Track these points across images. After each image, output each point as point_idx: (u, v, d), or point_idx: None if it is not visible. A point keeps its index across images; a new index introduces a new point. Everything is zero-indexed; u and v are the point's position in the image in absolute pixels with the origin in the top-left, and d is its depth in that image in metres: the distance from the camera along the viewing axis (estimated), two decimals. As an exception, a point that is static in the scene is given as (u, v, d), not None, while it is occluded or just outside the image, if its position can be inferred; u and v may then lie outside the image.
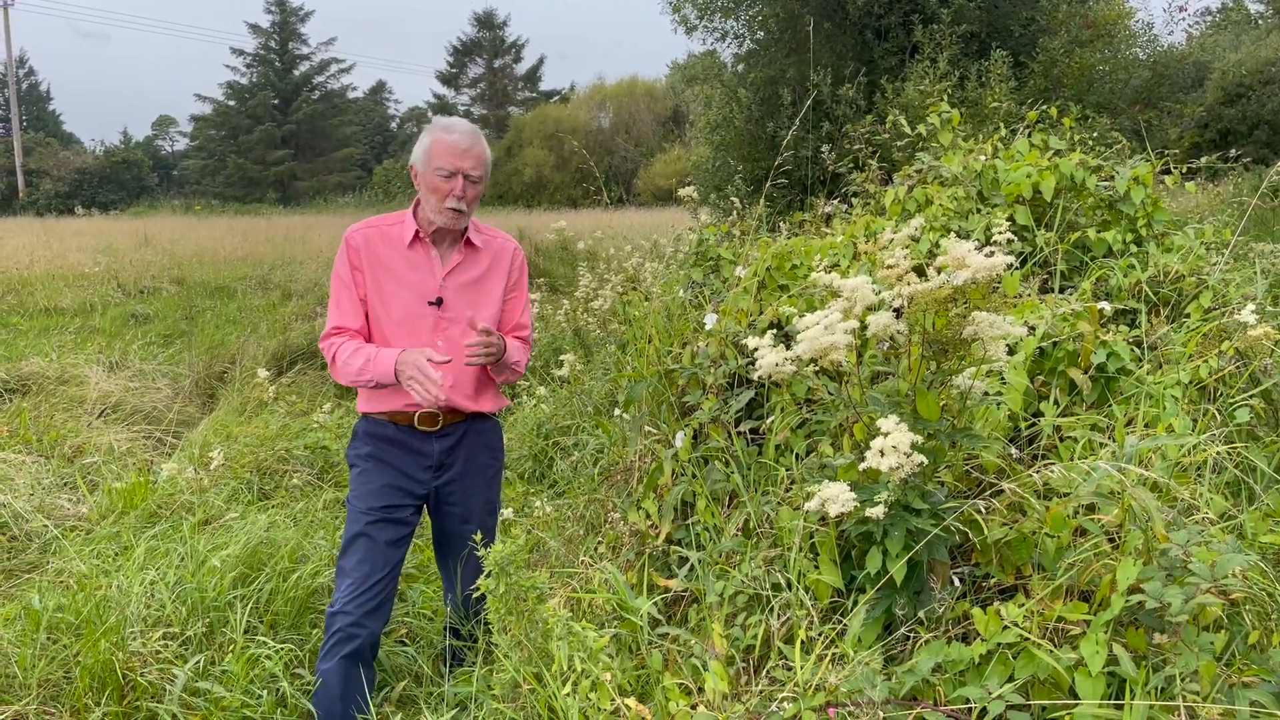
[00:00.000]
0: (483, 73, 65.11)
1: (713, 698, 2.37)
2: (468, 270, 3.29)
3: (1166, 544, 2.10)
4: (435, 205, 3.14)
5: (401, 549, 3.28)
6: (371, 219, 3.31)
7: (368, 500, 3.23)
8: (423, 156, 3.16)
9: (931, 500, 2.40)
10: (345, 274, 3.22)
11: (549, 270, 15.16)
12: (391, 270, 3.20)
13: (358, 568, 3.16)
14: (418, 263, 3.22)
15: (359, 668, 3.13)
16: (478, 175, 3.16)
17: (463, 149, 3.10)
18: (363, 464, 3.29)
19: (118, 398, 8.13)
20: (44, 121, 71.22)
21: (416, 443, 3.28)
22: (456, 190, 3.11)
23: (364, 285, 3.21)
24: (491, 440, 3.47)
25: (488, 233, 3.40)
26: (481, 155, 3.17)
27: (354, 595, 3.12)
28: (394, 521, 3.23)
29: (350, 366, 3.13)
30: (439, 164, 3.10)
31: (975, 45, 12.31)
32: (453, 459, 3.33)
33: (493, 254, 3.36)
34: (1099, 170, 4.20)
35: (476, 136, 3.17)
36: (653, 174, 46.51)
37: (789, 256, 3.77)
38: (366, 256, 3.20)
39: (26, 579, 4.55)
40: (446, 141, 3.10)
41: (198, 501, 5.38)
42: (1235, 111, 19.75)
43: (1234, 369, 3.17)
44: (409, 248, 3.21)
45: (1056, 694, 2.07)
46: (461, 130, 3.14)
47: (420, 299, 3.20)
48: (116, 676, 3.38)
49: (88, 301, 14.63)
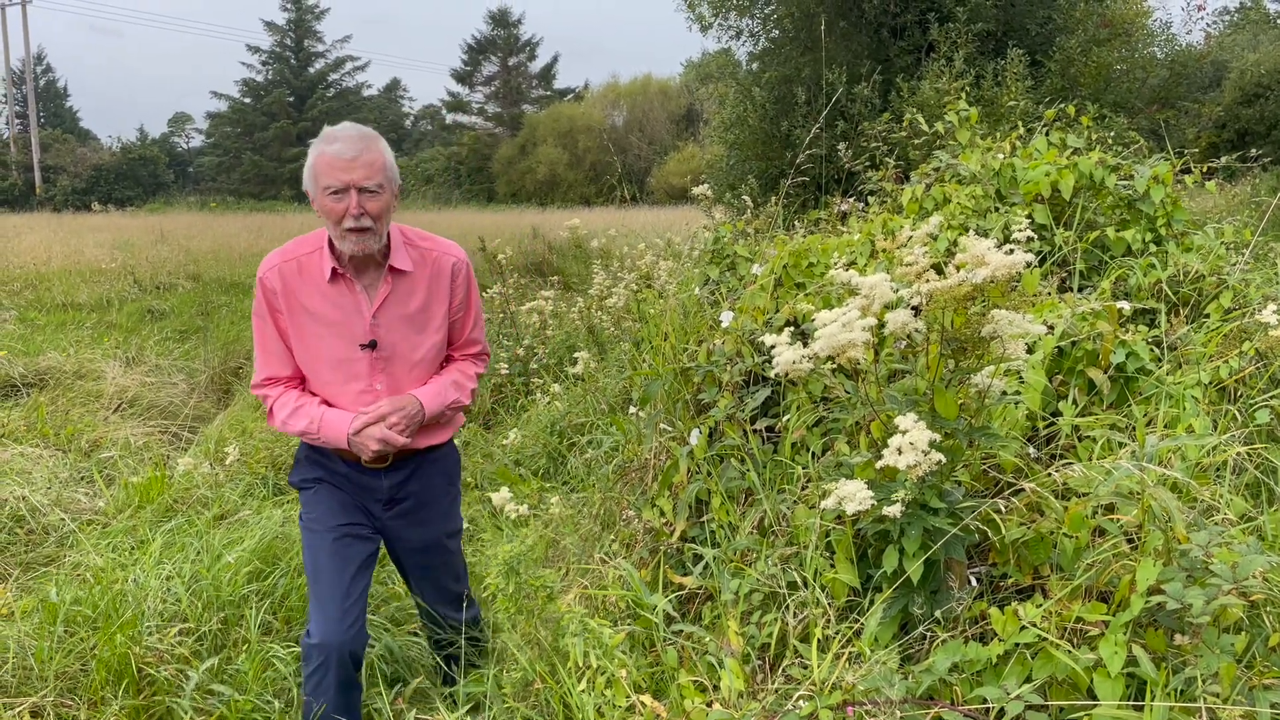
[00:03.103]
0: (497, 71, 65.20)
1: (728, 695, 2.37)
2: (401, 302, 2.89)
3: (1187, 545, 2.09)
4: (335, 230, 2.74)
5: (369, 568, 3.05)
6: (287, 247, 2.90)
7: (327, 519, 2.97)
8: (310, 178, 2.74)
9: (949, 499, 2.39)
10: (266, 317, 2.88)
11: (562, 268, 15.18)
12: (314, 313, 2.83)
13: (330, 596, 2.92)
14: (341, 302, 2.83)
15: (346, 692, 2.95)
16: (376, 184, 2.69)
17: (348, 159, 2.65)
18: (313, 486, 3.03)
19: (134, 393, 8.18)
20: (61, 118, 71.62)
21: (365, 478, 3.01)
22: (352, 208, 2.66)
23: (286, 329, 2.87)
24: (448, 466, 3.20)
25: (422, 244, 2.96)
26: (375, 161, 2.69)
27: (330, 624, 2.89)
28: (358, 538, 3.00)
29: (292, 427, 2.88)
30: (325, 182, 2.67)
31: (992, 44, 12.27)
32: (405, 493, 3.06)
33: (430, 273, 2.93)
34: (1118, 169, 4.17)
35: (366, 140, 2.70)
36: (666, 172, 46.49)
37: (806, 254, 3.76)
38: (285, 300, 2.83)
39: (44, 572, 4.58)
40: (328, 154, 2.65)
41: (213, 496, 5.40)
42: (1253, 111, 19.62)
43: (1254, 370, 3.15)
44: (330, 283, 2.82)
45: (1075, 695, 2.06)
46: (345, 138, 2.68)
47: (350, 342, 2.84)
48: (132, 670, 3.40)
49: (104, 297, 14.71)
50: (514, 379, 7.54)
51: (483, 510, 5.01)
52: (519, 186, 52.65)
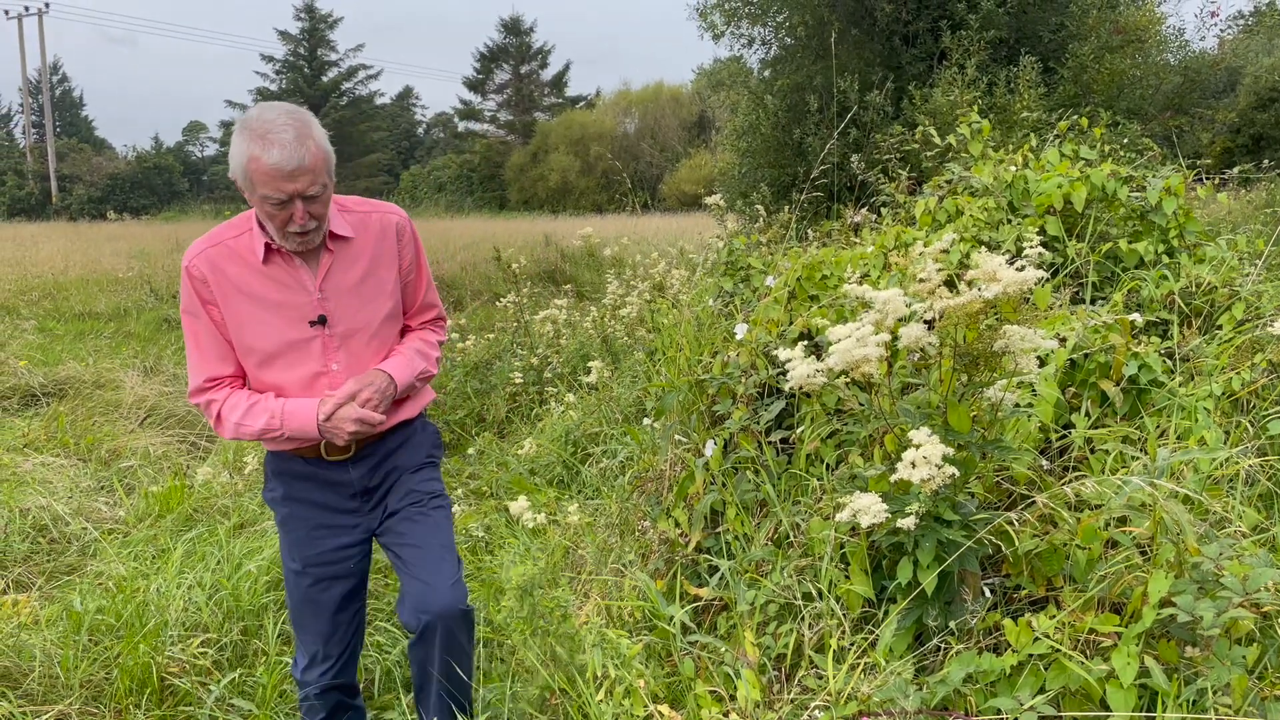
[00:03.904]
0: (509, 78, 65.36)
1: (745, 705, 2.40)
2: (346, 269, 2.65)
3: (1198, 557, 2.12)
4: (278, 233, 2.52)
5: (354, 603, 2.88)
6: (213, 232, 2.65)
7: (298, 552, 2.79)
8: (242, 176, 2.47)
9: (962, 511, 2.42)
10: (198, 312, 2.61)
11: (576, 276, 15.23)
12: (251, 295, 2.58)
13: (312, 641, 2.84)
14: (281, 279, 2.59)
15: (341, 714, 3.00)
16: (318, 189, 2.46)
17: (289, 170, 2.39)
18: (281, 508, 2.82)
19: (153, 402, 8.25)
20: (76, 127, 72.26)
21: (331, 473, 2.76)
22: (298, 217, 2.46)
23: (222, 321, 2.60)
24: (421, 441, 2.92)
25: (359, 209, 2.73)
26: (316, 164, 2.43)
27: (315, 664, 2.86)
28: (336, 578, 2.80)
29: (248, 428, 2.60)
30: (264, 193, 2.43)
31: (1004, 51, 12.28)
32: (377, 480, 2.81)
33: (374, 236, 2.71)
34: (1130, 180, 4.19)
35: (303, 140, 2.41)
36: (678, 179, 46.56)
37: (819, 267, 3.80)
38: (216, 286, 2.57)
39: (66, 581, 4.64)
40: (267, 165, 2.38)
41: (232, 505, 5.46)
42: (1268, 116, 19.55)
43: (1268, 381, 3.16)
44: (265, 264, 2.57)
45: (1089, 705, 2.08)
46: (282, 143, 2.38)
47: (297, 321, 2.60)
48: (155, 680, 3.45)
49: (122, 306, 14.85)
50: (528, 388, 7.58)
51: (499, 519, 5.04)
52: (531, 194, 52.80)
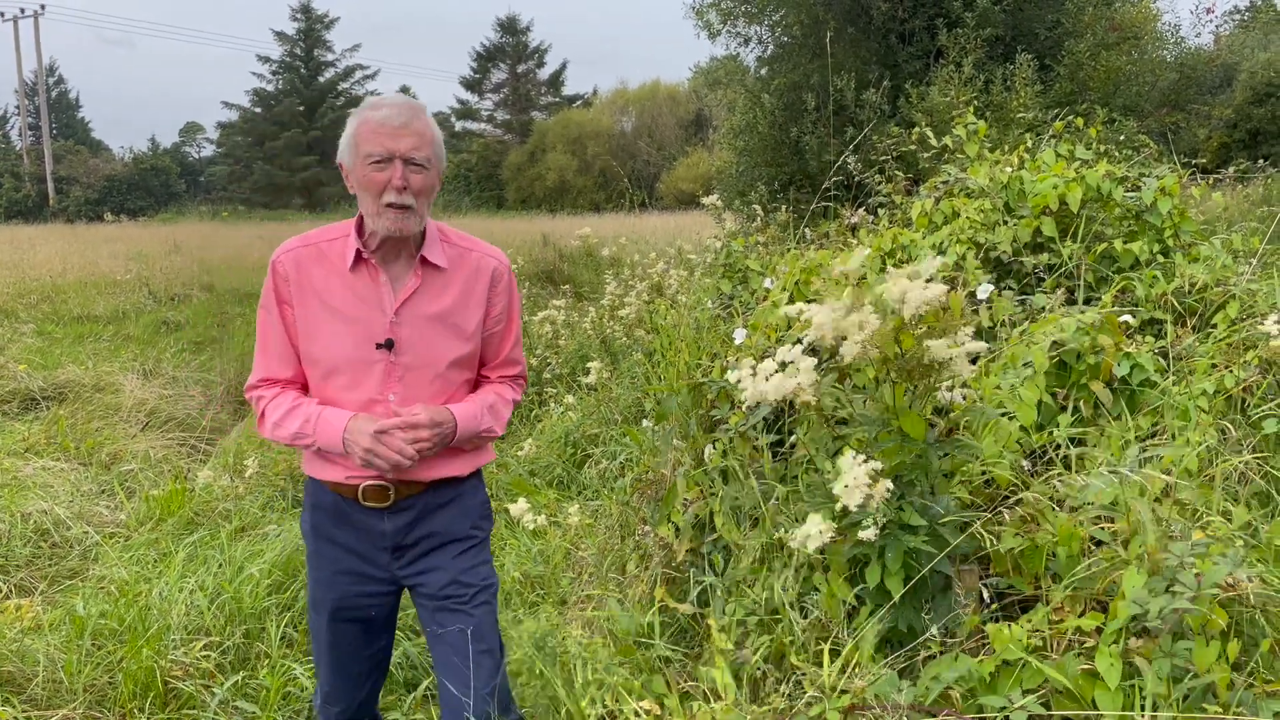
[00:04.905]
0: (506, 78, 65.29)
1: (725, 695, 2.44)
2: (430, 299, 2.49)
3: (1161, 555, 2.15)
4: (372, 206, 2.38)
5: (374, 644, 2.72)
6: (309, 233, 2.55)
7: (320, 591, 2.62)
8: (349, 147, 2.41)
9: (930, 515, 2.46)
10: (272, 308, 2.51)
11: (574, 276, 15.25)
12: (328, 303, 2.46)
13: (327, 678, 2.72)
14: (363, 292, 2.46)
15: None
16: (423, 157, 2.38)
17: (396, 126, 2.34)
18: (310, 541, 2.64)
19: (152, 405, 8.27)
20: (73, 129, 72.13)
21: (364, 519, 2.53)
22: (396, 179, 2.33)
23: (293, 323, 2.49)
24: (471, 507, 2.64)
25: (462, 244, 2.58)
26: (424, 131, 2.38)
27: (330, 701, 2.74)
28: (357, 620, 2.62)
29: (285, 429, 2.47)
30: (368, 149, 2.35)
31: (1000, 49, 12.29)
32: (413, 539, 2.56)
33: (466, 274, 2.55)
34: (1125, 180, 4.21)
35: (415, 110, 2.40)
36: (675, 178, 46.53)
37: (817, 270, 3.82)
38: (297, 285, 2.47)
39: (69, 585, 4.66)
40: (374, 120, 2.35)
41: (234, 509, 5.48)
42: (1265, 111, 19.55)
43: (1259, 379, 3.19)
44: (352, 271, 2.45)
45: (1078, 703, 2.10)
46: (392, 104, 2.38)
47: (365, 340, 2.44)
48: (159, 684, 3.47)
49: (120, 309, 14.85)
50: (527, 389, 7.60)
51: (500, 520, 5.07)
52: (529, 193, 52.78)
